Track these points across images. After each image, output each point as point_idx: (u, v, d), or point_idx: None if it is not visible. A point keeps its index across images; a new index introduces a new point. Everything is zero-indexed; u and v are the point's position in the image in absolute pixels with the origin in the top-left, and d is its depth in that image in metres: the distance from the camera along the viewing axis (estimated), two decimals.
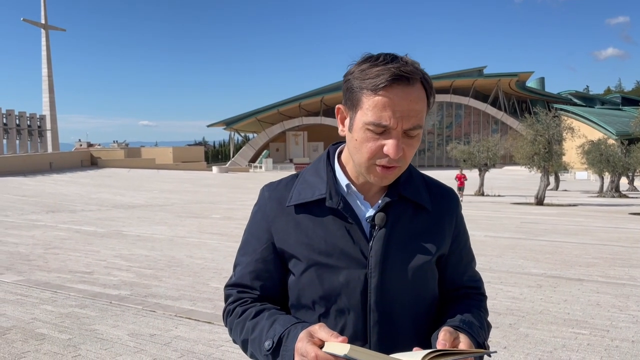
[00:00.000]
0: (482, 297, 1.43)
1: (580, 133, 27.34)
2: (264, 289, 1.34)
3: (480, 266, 8.98)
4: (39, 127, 68.77)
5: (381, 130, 1.17)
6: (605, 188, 34.26)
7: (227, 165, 75.87)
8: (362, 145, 1.20)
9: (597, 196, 32.88)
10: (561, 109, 65.69)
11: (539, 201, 24.93)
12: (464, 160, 33.92)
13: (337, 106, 1.29)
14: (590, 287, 7.12)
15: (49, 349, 4.50)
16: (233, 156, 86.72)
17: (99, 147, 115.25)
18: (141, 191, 30.43)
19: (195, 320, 5.44)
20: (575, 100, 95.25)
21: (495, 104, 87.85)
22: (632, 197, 32.01)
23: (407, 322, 1.27)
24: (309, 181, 1.34)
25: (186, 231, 12.91)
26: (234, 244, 9.88)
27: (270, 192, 1.39)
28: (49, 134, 71.16)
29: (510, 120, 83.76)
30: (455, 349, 1.09)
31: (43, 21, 74.46)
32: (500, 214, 19.79)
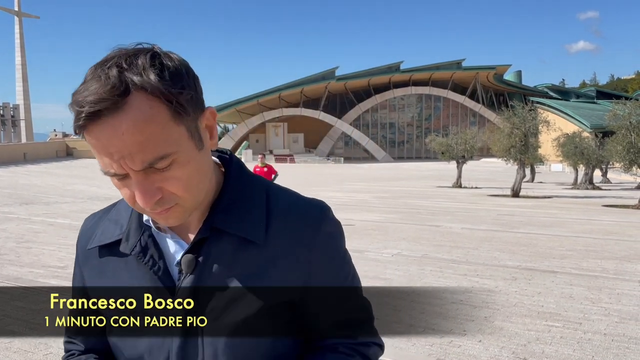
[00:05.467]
0: (353, 351, 1.02)
1: (555, 126, 27.76)
2: (87, 344, 1.10)
3: (457, 259, 9.02)
4: (13, 116, 67.39)
5: (118, 178, 0.90)
6: (579, 180, 34.89)
7: None
8: (120, 190, 0.94)
9: (572, 188, 33.48)
10: (537, 102, 66.59)
11: (515, 193, 25.28)
12: (442, 153, 34.25)
13: None
14: (564, 279, 7.24)
15: (19, 346, 4.42)
16: None
17: (74, 137, 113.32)
18: None
19: None
20: (551, 94, 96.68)
21: (473, 96, 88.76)
22: (605, 189, 32.65)
23: None
24: (114, 217, 1.08)
25: None
26: None
27: (84, 227, 1.12)
28: (22, 124, 69.75)
29: (487, 113, 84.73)
30: None
31: (16, 8, 72.74)
32: (477, 205, 20.01)
